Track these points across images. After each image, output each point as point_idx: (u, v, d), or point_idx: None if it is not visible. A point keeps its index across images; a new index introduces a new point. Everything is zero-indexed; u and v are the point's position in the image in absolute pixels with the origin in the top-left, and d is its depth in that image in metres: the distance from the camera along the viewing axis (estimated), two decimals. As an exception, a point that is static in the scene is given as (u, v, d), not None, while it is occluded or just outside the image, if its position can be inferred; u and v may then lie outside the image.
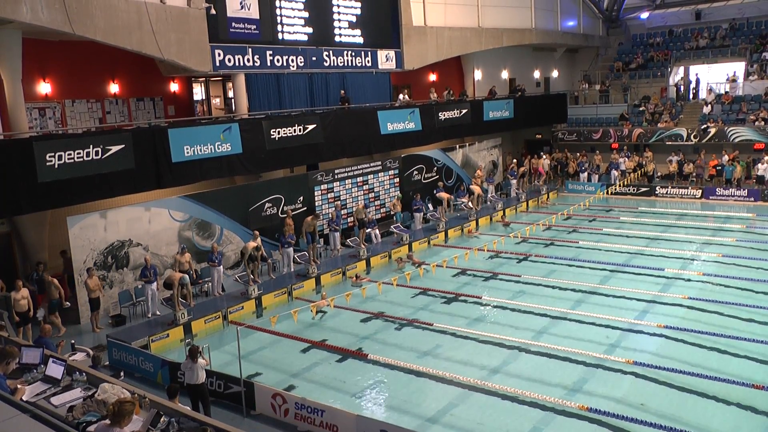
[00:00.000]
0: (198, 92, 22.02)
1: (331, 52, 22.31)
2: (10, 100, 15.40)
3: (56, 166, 13.85)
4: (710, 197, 27.25)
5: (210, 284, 17.06)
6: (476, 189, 25.59)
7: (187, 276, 15.39)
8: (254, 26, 19.72)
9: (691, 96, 34.03)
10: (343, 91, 22.48)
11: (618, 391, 11.24)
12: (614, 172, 29.72)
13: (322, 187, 21.32)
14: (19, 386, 7.18)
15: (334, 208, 21.14)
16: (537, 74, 35.83)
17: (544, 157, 31.65)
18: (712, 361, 12.12)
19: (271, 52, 20.27)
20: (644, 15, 39.10)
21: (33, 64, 16.45)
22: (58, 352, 9.90)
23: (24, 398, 6.79)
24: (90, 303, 14.94)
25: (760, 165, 26.95)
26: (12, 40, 15.13)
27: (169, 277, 15.25)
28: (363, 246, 20.18)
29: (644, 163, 30.01)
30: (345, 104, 22.02)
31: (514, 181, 28.93)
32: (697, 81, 34.30)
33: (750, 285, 16.22)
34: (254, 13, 19.66)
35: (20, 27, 14.76)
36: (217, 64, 18.70)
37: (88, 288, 14.85)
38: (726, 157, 28.03)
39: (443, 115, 25.61)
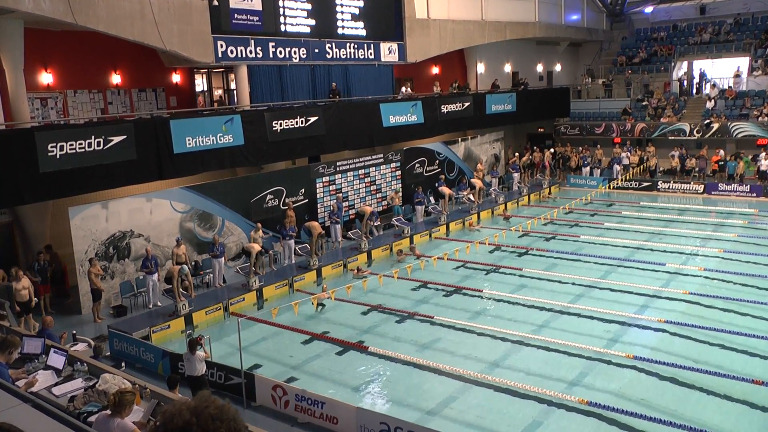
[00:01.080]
0: (200, 83, 21.98)
1: (333, 44, 22.24)
2: (12, 89, 15.38)
3: (58, 156, 13.85)
4: (712, 192, 27.19)
5: (211, 276, 17.08)
6: (477, 183, 25.57)
7: (186, 266, 15.40)
8: (257, 17, 19.65)
9: (694, 91, 33.91)
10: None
11: (618, 385, 11.25)
12: (616, 167, 29.65)
13: (324, 179, 21.30)
14: (29, 378, 7.21)
15: (335, 200, 21.14)
16: (540, 68, 35.72)
17: (548, 150, 31.59)
18: (713, 357, 12.13)
19: (273, 44, 20.21)
20: (648, 9, 38.91)
21: (35, 54, 16.40)
22: (61, 343, 9.93)
23: (22, 386, 6.81)
24: (92, 294, 14.96)
25: (764, 161, 26.89)
26: (14, 30, 15.09)
27: (169, 270, 15.30)
28: (364, 238, 20.16)
29: (647, 158, 29.94)
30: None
31: (516, 175, 28.89)
32: (701, 76, 34.18)
33: (751, 281, 16.20)
34: (257, 4, 19.58)
35: (22, 17, 14.71)
36: (220, 55, 18.64)
37: (90, 279, 14.86)
38: (722, 152, 28.00)
39: (445, 108, 25.54)
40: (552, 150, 31.69)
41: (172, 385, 8.75)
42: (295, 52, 20.91)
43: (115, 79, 18.85)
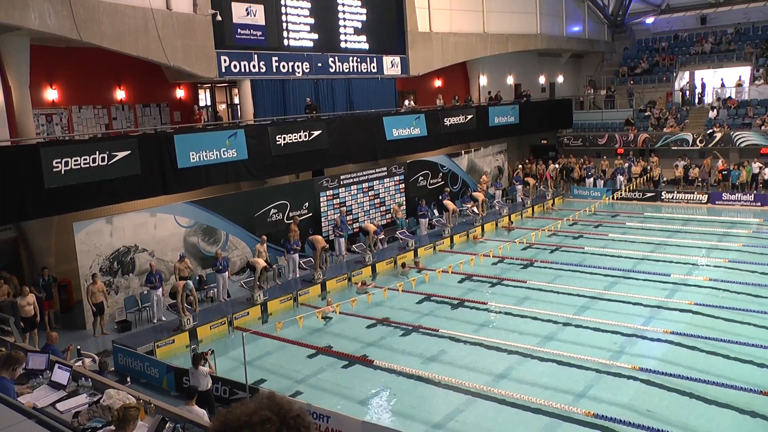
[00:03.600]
0: (203, 98, 22.08)
1: (336, 58, 22.35)
2: (18, 106, 15.50)
3: (63, 171, 13.92)
4: (716, 202, 27.13)
5: (215, 290, 17.09)
6: (480, 195, 25.51)
7: (190, 282, 15.42)
8: (260, 32, 19.78)
9: (696, 101, 33.95)
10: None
11: (624, 397, 11.19)
12: (620, 177, 29.64)
13: (328, 193, 21.34)
14: (27, 391, 7.21)
15: (339, 214, 21.15)
16: (542, 79, 35.82)
17: (550, 163, 31.59)
18: (719, 367, 12.05)
19: (276, 59, 20.32)
20: (649, 20, 39.03)
21: (40, 71, 16.52)
22: (66, 358, 9.93)
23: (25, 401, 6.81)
24: (95, 308, 14.96)
25: (765, 170, 26.85)
26: (20, 47, 15.25)
27: (174, 286, 15.30)
28: (369, 252, 20.14)
29: (650, 168, 29.93)
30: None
31: (519, 187, 28.88)
32: (703, 86, 34.26)
33: (756, 290, 16.12)
34: (260, 19, 19.72)
35: (28, 33, 14.85)
36: (223, 70, 18.75)
37: (93, 293, 14.86)
38: (720, 161, 28.01)
39: (449, 121, 25.61)
40: (556, 163, 31.67)
41: (190, 395, 8.66)
42: (298, 67, 21.01)
43: (120, 94, 18.97)
